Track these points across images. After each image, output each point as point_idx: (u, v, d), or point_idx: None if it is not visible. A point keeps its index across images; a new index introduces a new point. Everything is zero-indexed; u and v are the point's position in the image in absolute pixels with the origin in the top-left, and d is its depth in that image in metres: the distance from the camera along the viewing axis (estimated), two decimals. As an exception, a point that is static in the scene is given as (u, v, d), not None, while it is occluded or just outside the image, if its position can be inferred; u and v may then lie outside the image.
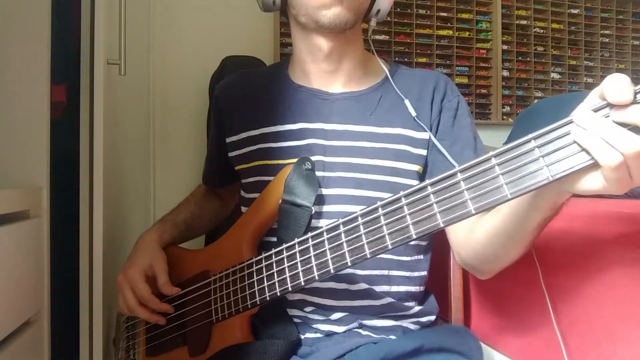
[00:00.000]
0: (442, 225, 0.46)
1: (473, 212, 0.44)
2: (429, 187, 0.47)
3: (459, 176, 0.45)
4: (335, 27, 0.70)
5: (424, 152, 0.74)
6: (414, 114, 0.74)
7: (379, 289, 0.70)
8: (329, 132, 0.73)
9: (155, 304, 0.74)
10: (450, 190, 0.46)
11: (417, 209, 0.48)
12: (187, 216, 0.89)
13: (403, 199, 0.49)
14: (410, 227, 0.48)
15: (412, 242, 0.73)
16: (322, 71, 0.77)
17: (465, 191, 0.45)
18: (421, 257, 0.75)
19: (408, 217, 0.48)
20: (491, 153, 0.44)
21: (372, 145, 0.72)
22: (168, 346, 0.75)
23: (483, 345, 0.73)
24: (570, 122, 0.41)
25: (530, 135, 0.42)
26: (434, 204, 0.47)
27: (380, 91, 0.77)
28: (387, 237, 0.50)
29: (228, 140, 0.81)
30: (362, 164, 0.72)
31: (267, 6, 0.77)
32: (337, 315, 0.70)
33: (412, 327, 0.74)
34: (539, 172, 0.42)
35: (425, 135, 0.74)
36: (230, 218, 0.79)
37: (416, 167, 0.74)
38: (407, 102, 0.75)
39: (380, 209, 0.51)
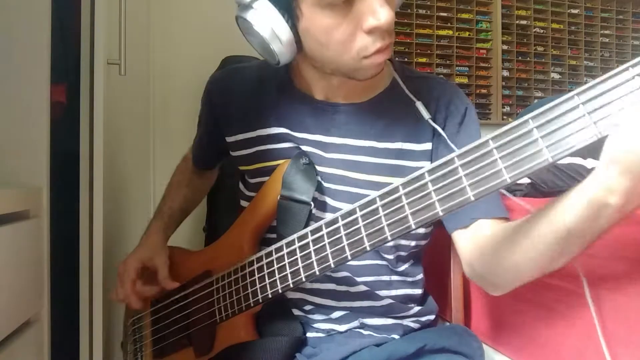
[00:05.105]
0: (441, 213, 0.45)
1: (472, 198, 0.43)
2: (426, 174, 0.46)
3: (457, 162, 0.44)
4: (370, 77, 0.63)
5: (426, 164, 0.69)
6: (427, 116, 0.68)
7: (379, 292, 0.70)
8: (328, 145, 0.71)
9: (136, 287, 0.77)
10: (448, 177, 0.44)
11: (415, 198, 0.46)
12: (181, 202, 0.90)
13: (401, 187, 0.48)
14: (409, 217, 0.47)
15: (404, 253, 0.72)
16: (328, 84, 0.71)
17: (463, 177, 0.43)
18: (413, 262, 0.75)
19: (406, 206, 0.47)
20: (488, 136, 0.42)
21: (370, 161, 0.70)
22: (174, 347, 0.75)
23: (483, 345, 0.74)
24: (572, 97, 0.39)
25: (528, 116, 0.40)
26: (432, 192, 0.45)
27: (385, 101, 0.72)
28: (386, 228, 0.49)
29: (228, 139, 0.79)
30: (359, 179, 0.69)
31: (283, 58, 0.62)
32: (337, 314, 0.70)
33: (413, 325, 0.74)
34: (538, 154, 0.40)
35: (428, 146, 0.71)
36: (231, 215, 0.79)
37: None
38: (419, 104, 0.68)
39: (378, 199, 0.50)
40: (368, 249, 0.50)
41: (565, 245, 0.46)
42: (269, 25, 0.57)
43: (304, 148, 0.71)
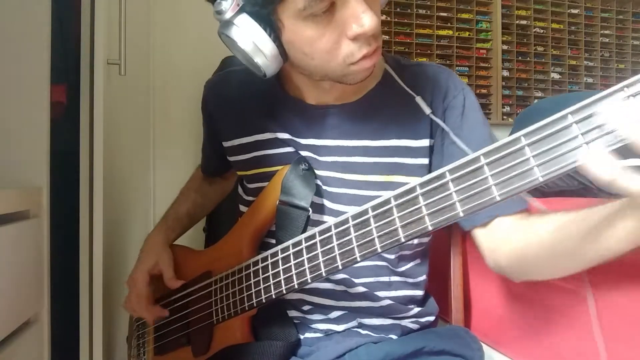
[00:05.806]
0: (430, 228, 0.45)
1: (461, 214, 0.43)
2: (417, 188, 0.46)
3: (448, 176, 0.44)
4: (360, 81, 0.61)
5: (424, 160, 0.68)
6: (428, 111, 0.66)
7: (378, 293, 0.70)
8: (321, 148, 0.70)
9: (146, 306, 0.77)
10: (439, 192, 0.44)
11: (406, 212, 0.46)
12: (189, 207, 0.89)
13: (392, 200, 0.48)
14: (399, 230, 0.47)
15: (407, 252, 0.72)
16: (318, 88, 0.69)
17: (453, 192, 0.43)
18: (419, 261, 0.74)
19: (397, 219, 0.47)
20: (480, 152, 0.42)
21: (365, 160, 0.68)
22: (174, 345, 0.76)
23: (483, 345, 0.73)
24: (565, 116, 0.38)
25: (521, 133, 0.40)
26: (422, 206, 0.45)
27: (378, 97, 0.70)
28: (376, 240, 0.49)
29: (225, 144, 0.79)
30: (356, 180, 0.68)
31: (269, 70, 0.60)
32: (336, 314, 0.71)
33: (412, 325, 0.74)
34: (528, 172, 0.39)
35: (426, 142, 0.69)
36: (231, 216, 0.79)
37: (415, 179, 0.67)
38: (419, 99, 0.67)
39: (370, 210, 0.50)
40: (358, 259, 0.50)
41: (601, 259, 0.49)
42: (251, 41, 0.56)
43: (300, 152, 0.71)
